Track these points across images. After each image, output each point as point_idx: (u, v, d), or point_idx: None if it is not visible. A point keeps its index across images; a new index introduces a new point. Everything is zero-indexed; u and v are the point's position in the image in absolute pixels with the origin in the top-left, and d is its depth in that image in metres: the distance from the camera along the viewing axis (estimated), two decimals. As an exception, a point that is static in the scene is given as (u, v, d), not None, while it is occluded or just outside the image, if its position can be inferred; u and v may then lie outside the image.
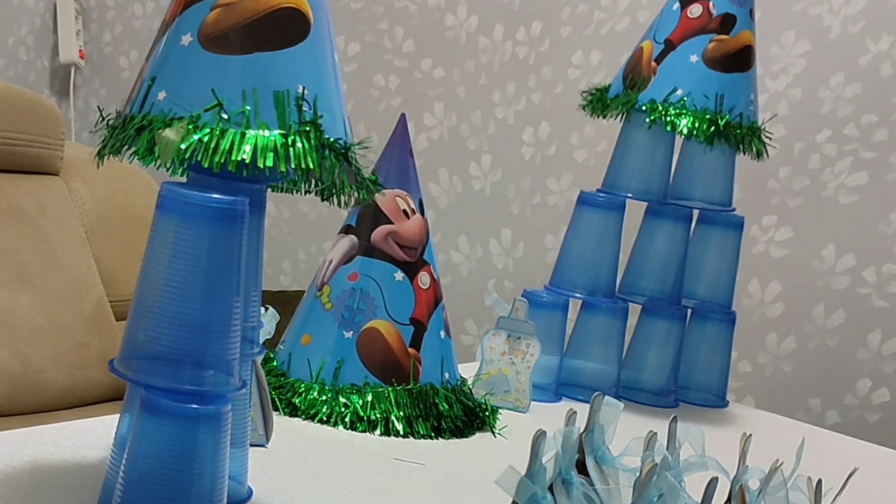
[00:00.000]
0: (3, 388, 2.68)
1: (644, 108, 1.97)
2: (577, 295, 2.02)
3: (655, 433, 1.01)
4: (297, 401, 1.62)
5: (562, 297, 2.01)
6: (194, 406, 1.00)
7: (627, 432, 1.06)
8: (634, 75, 2.01)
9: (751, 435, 1.10)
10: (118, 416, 1.17)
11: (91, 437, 1.37)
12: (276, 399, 1.62)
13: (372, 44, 3.82)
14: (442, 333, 1.73)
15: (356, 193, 1.15)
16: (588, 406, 1.03)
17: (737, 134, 1.97)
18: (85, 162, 3.12)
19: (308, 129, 1.05)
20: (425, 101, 3.75)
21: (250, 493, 1.29)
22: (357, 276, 1.68)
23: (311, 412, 1.61)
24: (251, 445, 1.28)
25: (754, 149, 2.02)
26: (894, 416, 3.22)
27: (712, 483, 0.92)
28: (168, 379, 1.00)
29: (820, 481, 1.07)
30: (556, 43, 3.55)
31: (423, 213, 1.71)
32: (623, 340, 2.06)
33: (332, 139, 1.08)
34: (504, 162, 3.66)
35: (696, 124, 1.93)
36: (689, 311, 2.11)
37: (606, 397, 1.04)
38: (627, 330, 2.07)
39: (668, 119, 1.95)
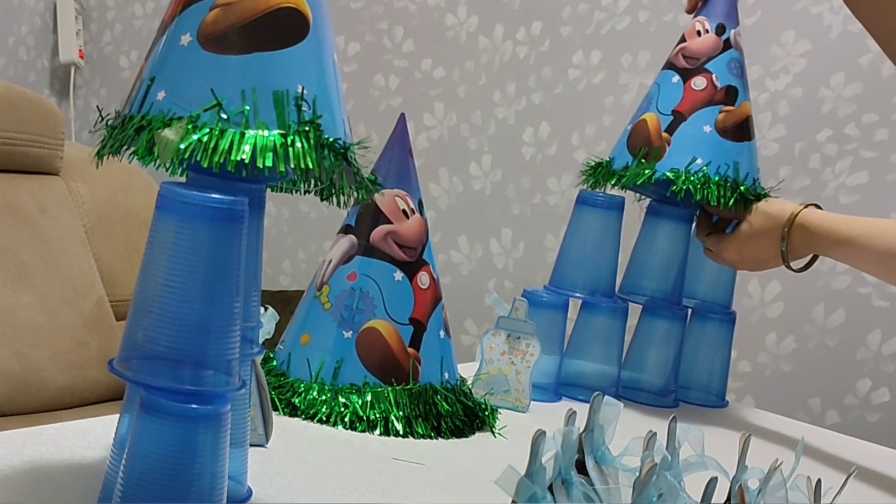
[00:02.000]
0: (3, 388, 2.68)
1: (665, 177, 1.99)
2: (577, 295, 2.02)
3: (655, 433, 1.01)
4: (296, 401, 1.62)
5: (562, 296, 2.01)
6: (194, 406, 1.00)
7: (627, 432, 1.06)
8: (646, 146, 2.02)
9: (750, 435, 1.10)
10: (118, 416, 1.17)
11: (91, 437, 1.37)
12: (276, 399, 1.62)
13: (372, 44, 3.82)
14: (441, 333, 1.73)
15: (355, 193, 1.15)
16: (588, 406, 1.02)
17: (752, 199, 2.00)
18: (85, 162, 3.12)
19: (307, 129, 1.05)
20: (425, 100, 3.75)
21: (250, 492, 1.29)
22: (356, 276, 1.68)
23: (311, 412, 1.61)
24: (251, 445, 1.28)
25: None
26: (894, 415, 3.22)
27: (711, 483, 0.92)
28: (167, 379, 1.00)
29: (819, 481, 1.07)
30: (557, 43, 3.55)
31: (422, 213, 1.71)
32: (623, 340, 2.06)
33: (331, 139, 1.08)
34: (504, 162, 3.67)
35: (722, 192, 1.97)
36: (690, 310, 2.12)
37: (606, 397, 1.03)
38: (627, 330, 2.08)
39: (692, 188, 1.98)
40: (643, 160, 2.01)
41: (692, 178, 1.97)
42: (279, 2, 1.07)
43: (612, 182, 2.03)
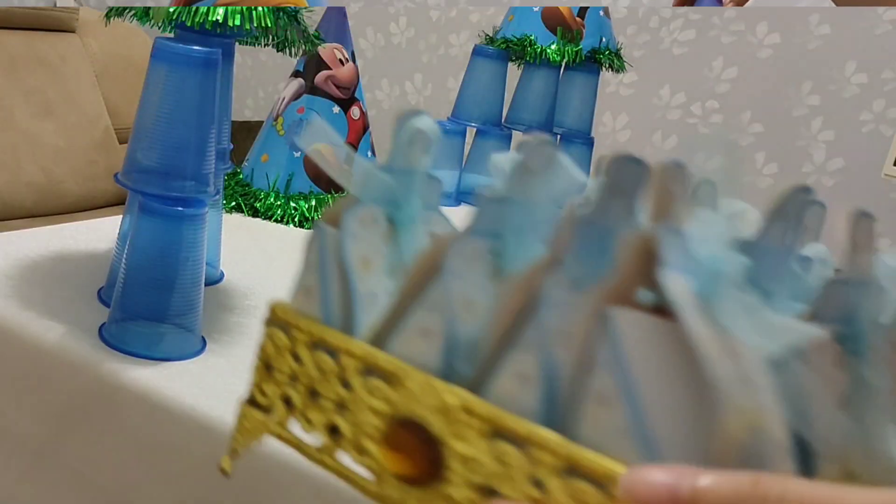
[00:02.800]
0: (32, 196, 2.68)
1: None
2: (473, 124, 2.02)
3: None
4: (258, 205, 1.62)
5: (461, 125, 2.01)
6: (179, 209, 1.00)
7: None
8: (562, 26, 2.00)
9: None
10: (121, 216, 1.17)
11: (100, 233, 1.37)
12: (242, 204, 1.62)
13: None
14: (369, 153, 1.73)
15: (304, 46, 1.14)
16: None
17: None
18: (96, 22, 3.11)
19: (265, -5, 1.04)
20: (356, -27, 3.70)
21: (222, 275, 1.30)
22: (304, 110, 1.67)
23: (269, 214, 1.61)
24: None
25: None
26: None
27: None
28: (159, 188, 1.00)
29: None
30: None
31: (354, 61, 1.70)
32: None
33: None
34: (416, 22, 3.63)
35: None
36: (559, 136, 2.12)
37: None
38: (511, 150, 2.09)
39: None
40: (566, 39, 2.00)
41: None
42: None
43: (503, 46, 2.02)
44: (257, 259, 1.41)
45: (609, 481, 0.39)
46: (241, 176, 1.69)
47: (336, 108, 1.68)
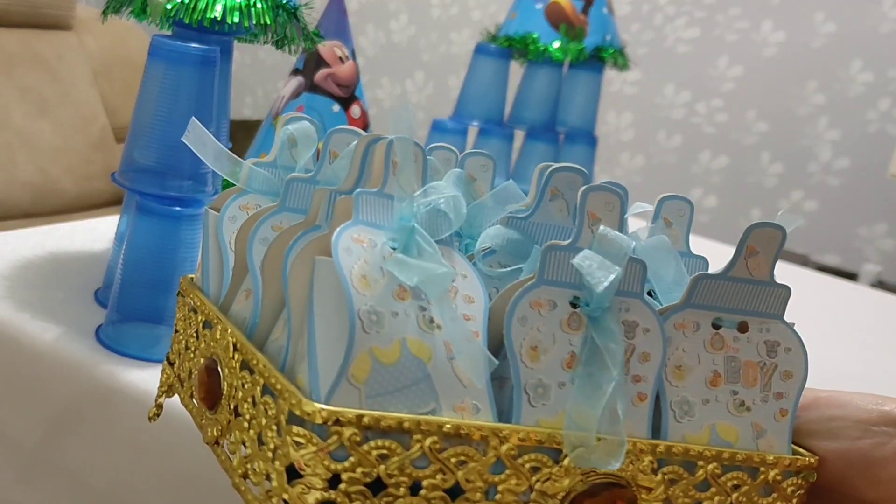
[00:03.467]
0: (28, 196, 2.68)
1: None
2: (475, 123, 2.02)
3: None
4: (258, 205, 1.62)
5: (463, 124, 2.01)
6: (177, 208, 1.00)
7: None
8: (565, 23, 1.99)
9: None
10: (118, 216, 1.17)
11: (97, 233, 1.37)
12: (242, 203, 1.62)
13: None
14: (370, 153, 1.73)
15: (303, 44, 1.14)
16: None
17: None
18: (92, 19, 3.11)
19: (264, -8, 1.04)
20: (357, -30, 3.70)
21: (222, 275, 1.30)
22: (303, 109, 1.67)
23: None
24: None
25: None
26: (719, 217, 3.27)
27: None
28: (157, 187, 1.00)
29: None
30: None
31: (354, 59, 1.70)
32: (510, 158, 2.07)
33: (284, 1, 1.07)
34: (417, 20, 3.63)
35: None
36: (562, 135, 2.12)
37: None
38: (514, 151, 2.08)
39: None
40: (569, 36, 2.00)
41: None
42: None
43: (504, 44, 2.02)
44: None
45: (280, 397, 0.50)
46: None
47: (336, 107, 1.67)
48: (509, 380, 0.53)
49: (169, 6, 1.00)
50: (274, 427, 0.50)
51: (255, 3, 1.03)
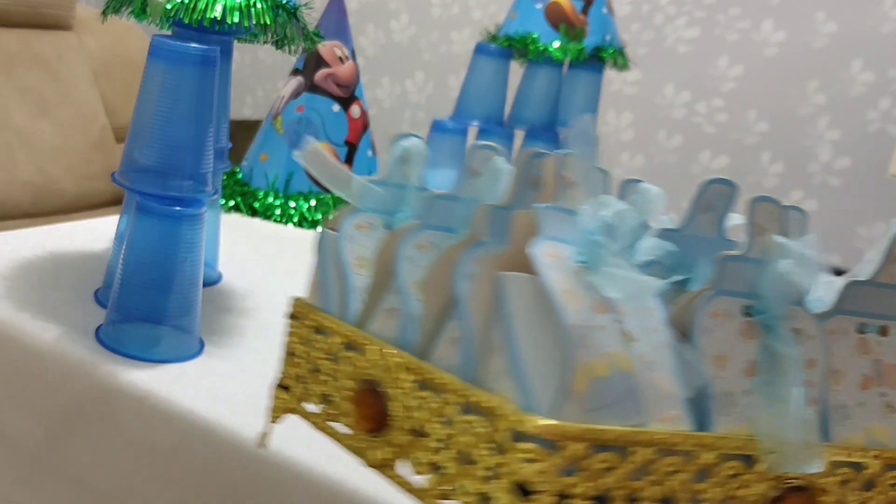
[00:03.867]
0: (28, 196, 2.68)
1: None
2: (475, 123, 2.02)
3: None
4: (256, 205, 1.62)
5: (463, 124, 2.01)
6: (177, 208, 1.00)
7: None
8: (564, 23, 1.99)
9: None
10: (118, 216, 1.17)
11: (97, 233, 1.37)
12: (241, 203, 1.62)
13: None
14: (369, 152, 1.73)
15: (303, 44, 1.14)
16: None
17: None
18: (92, 19, 3.12)
19: (264, -8, 1.04)
20: (357, -30, 3.70)
21: (220, 276, 1.30)
22: (303, 108, 1.67)
23: (267, 213, 1.61)
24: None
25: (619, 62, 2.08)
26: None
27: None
28: (157, 187, 1.00)
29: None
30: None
31: (354, 59, 1.70)
32: (510, 159, 2.07)
33: (284, 1, 1.07)
34: (417, 20, 3.63)
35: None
36: (562, 135, 2.12)
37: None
38: (514, 150, 2.08)
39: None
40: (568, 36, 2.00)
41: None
42: None
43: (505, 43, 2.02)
44: (256, 259, 1.40)
45: (492, 414, 0.49)
46: (239, 175, 1.69)
47: (336, 107, 1.68)
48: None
49: (169, 6, 1.00)
50: (488, 445, 0.49)
51: (255, 3, 1.03)
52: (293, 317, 0.68)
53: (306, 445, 0.91)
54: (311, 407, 0.64)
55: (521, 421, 0.47)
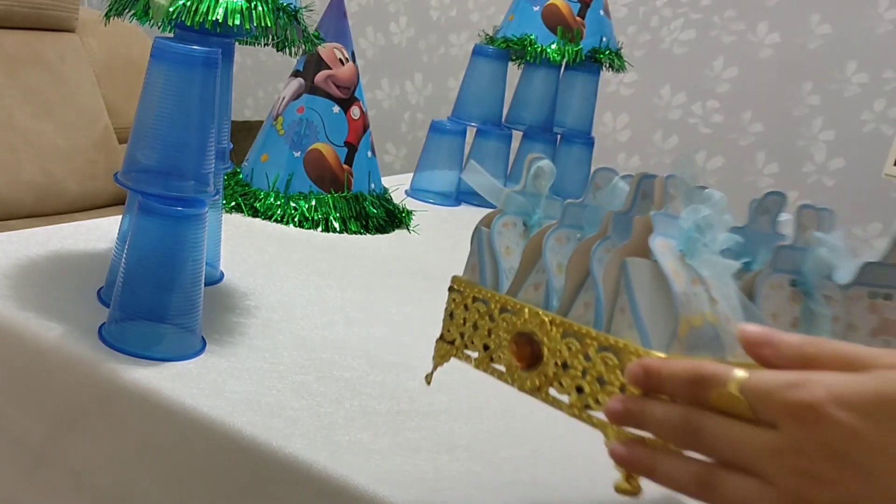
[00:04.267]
0: (32, 196, 2.68)
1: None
2: (473, 124, 2.02)
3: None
4: (257, 205, 1.62)
5: (461, 125, 2.01)
6: (179, 208, 1.00)
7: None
8: (562, 26, 1.99)
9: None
10: (120, 216, 1.17)
11: (100, 233, 1.37)
12: (242, 203, 1.62)
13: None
14: (369, 153, 1.73)
15: (303, 45, 1.14)
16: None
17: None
18: (95, 21, 3.12)
19: (265, -5, 1.05)
20: (356, -28, 3.70)
21: (222, 275, 1.30)
22: (304, 109, 1.67)
23: (269, 214, 1.61)
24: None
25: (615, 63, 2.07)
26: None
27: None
28: (159, 187, 1.00)
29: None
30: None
31: (354, 60, 1.70)
32: (508, 159, 2.07)
33: (285, 3, 1.07)
34: (416, 22, 3.63)
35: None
36: (559, 136, 2.12)
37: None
38: (511, 151, 2.09)
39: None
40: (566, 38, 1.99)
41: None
42: None
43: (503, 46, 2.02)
44: (257, 259, 1.41)
45: (622, 352, 0.70)
46: (240, 176, 1.69)
47: (336, 108, 1.68)
48: None
49: (171, 8, 1.01)
50: (619, 372, 0.71)
51: (256, 6, 1.03)
52: (453, 289, 0.87)
53: (307, 444, 0.92)
54: (472, 353, 0.85)
55: (648, 354, 0.69)
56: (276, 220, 1.60)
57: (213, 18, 1.01)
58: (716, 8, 3.14)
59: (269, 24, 1.05)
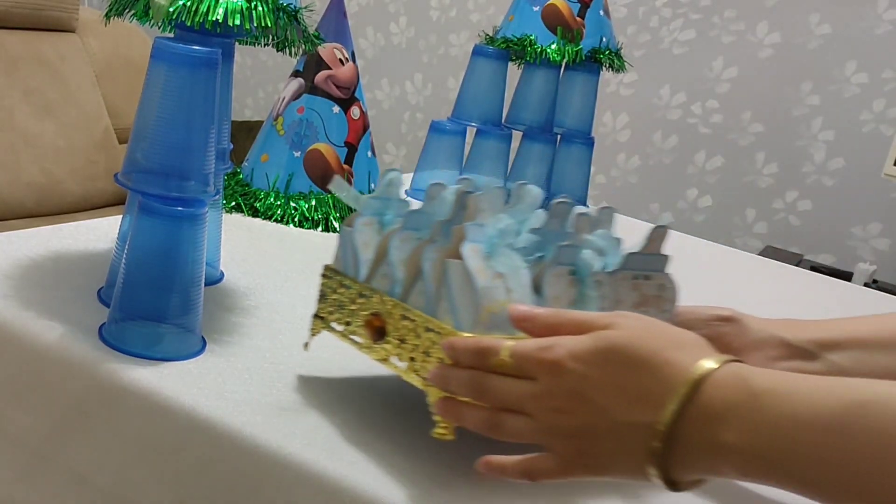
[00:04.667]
0: (32, 196, 2.68)
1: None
2: (473, 124, 2.02)
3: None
4: (257, 205, 1.62)
5: (461, 125, 2.01)
6: (179, 208, 1.00)
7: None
8: (562, 26, 1.99)
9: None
10: (121, 216, 1.17)
11: (100, 233, 1.37)
12: (242, 203, 1.62)
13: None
14: (369, 153, 1.73)
15: (303, 46, 1.14)
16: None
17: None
18: (95, 22, 3.12)
19: (265, -5, 1.05)
20: (356, -27, 3.70)
21: (222, 275, 1.30)
22: (304, 109, 1.67)
23: (269, 214, 1.61)
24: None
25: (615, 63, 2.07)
26: (715, 217, 3.27)
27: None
28: (159, 188, 1.00)
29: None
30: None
31: (354, 61, 1.70)
32: (508, 159, 2.07)
33: (285, 3, 1.07)
34: (416, 22, 3.63)
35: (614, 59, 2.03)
36: (559, 136, 2.12)
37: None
38: (511, 151, 2.09)
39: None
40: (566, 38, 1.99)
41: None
42: None
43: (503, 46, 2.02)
44: (257, 259, 1.40)
45: (440, 332, 0.89)
46: (240, 176, 1.69)
47: (336, 108, 1.68)
48: None
49: (171, 9, 1.01)
50: (437, 347, 0.89)
51: (256, 6, 1.03)
52: (324, 276, 1.04)
53: (307, 443, 0.91)
54: (337, 326, 1.01)
55: (456, 334, 0.87)
56: (276, 220, 1.60)
57: (213, 18, 1.00)
58: (715, 8, 3.14)
59: (269, 25, 1.05)
